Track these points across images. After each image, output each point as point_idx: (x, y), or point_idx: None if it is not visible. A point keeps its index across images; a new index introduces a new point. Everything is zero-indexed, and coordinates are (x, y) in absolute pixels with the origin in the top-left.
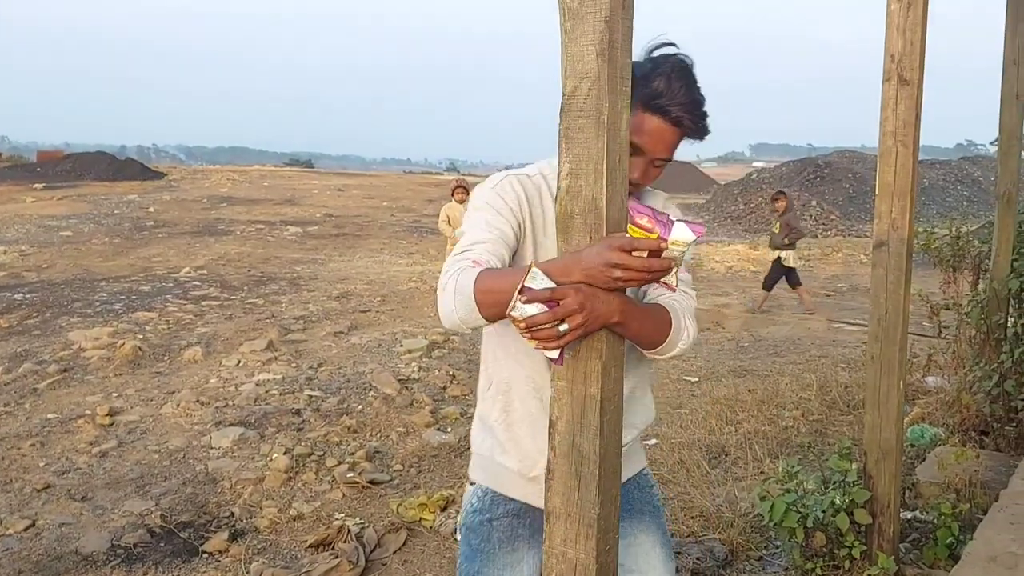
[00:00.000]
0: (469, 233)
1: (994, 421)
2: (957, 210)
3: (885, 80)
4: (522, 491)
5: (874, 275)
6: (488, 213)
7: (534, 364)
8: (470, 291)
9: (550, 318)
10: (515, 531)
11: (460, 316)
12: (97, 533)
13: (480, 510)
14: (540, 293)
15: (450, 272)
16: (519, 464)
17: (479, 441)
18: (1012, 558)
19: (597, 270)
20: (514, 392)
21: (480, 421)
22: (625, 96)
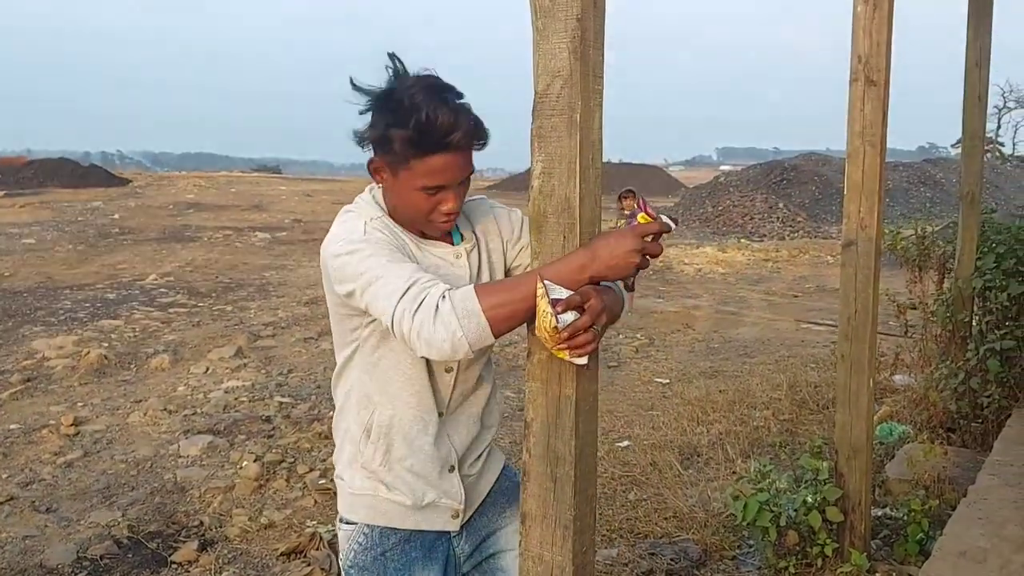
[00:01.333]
0: (391, 271)
1: (960, 418)
2: (920, 211)
3: (852, 81)
4: (414, 520)
5: (843, 274)
6: (386, 253)
7: (419, 399)
8: (478, 310)
9: (590, 320)
10: (408, 556)
11: (471, 339)
12: (62, 545)
13: (369, 547)
14: (572, 299)
15: (424, 302)
16: (410, 498)
17: (357, 482)
18: (981, 552)
19: (623, 258)
20: (395, 432)
21: (359, 469)
22: (598, 94)
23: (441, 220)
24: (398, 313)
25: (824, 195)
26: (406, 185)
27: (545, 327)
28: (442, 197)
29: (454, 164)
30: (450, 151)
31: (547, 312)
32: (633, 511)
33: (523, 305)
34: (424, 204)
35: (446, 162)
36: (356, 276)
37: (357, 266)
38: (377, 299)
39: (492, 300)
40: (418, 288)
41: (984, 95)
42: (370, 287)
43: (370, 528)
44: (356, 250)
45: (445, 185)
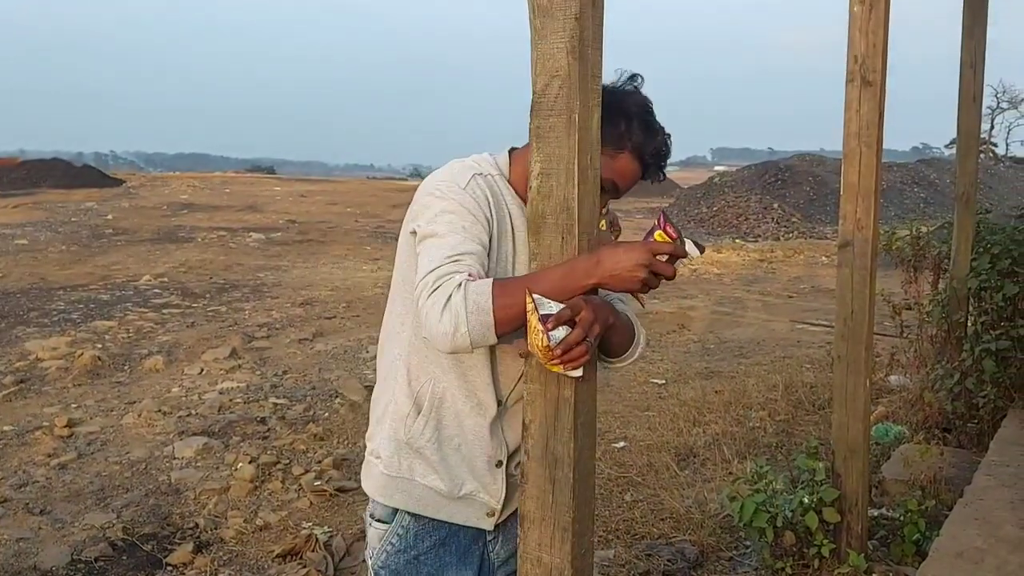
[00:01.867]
0: (448, 239)
1: (956, 418)
2: (914, 212)
3: (848, 81)
4: (448, 511)
5: (840, 275)
6: (464, 218)
7: (479, 380)
8: (489, 307)
9: (582, 335)
10: (442, 561)
11: (474, 336)
12: (57, 547)
13: (404, 549)
14: (562, 314)
15: (442, 287)
16: (448, 485)
17: (396, 463)
18: (978, 553)
19: (627, 271)
20: (446, 408)
21: (402, 446)
22: (596, 94)
23: None
24: (421, 284)
25: (819, 195)
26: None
27: (537, 344)
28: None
29: (636, 176)
30: (643, 166)
31: (538, 329)
32: (630, 512)
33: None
34: None
35: (636, 171)
36: (427, 221)
37: (433, 212)
38: (423, 256)
39: (506, 300)
40: (448, 268)
41: (979, 96)
42: (427, 240)
43: (404, 528)
44: (444, 197)
45: (618, 189)
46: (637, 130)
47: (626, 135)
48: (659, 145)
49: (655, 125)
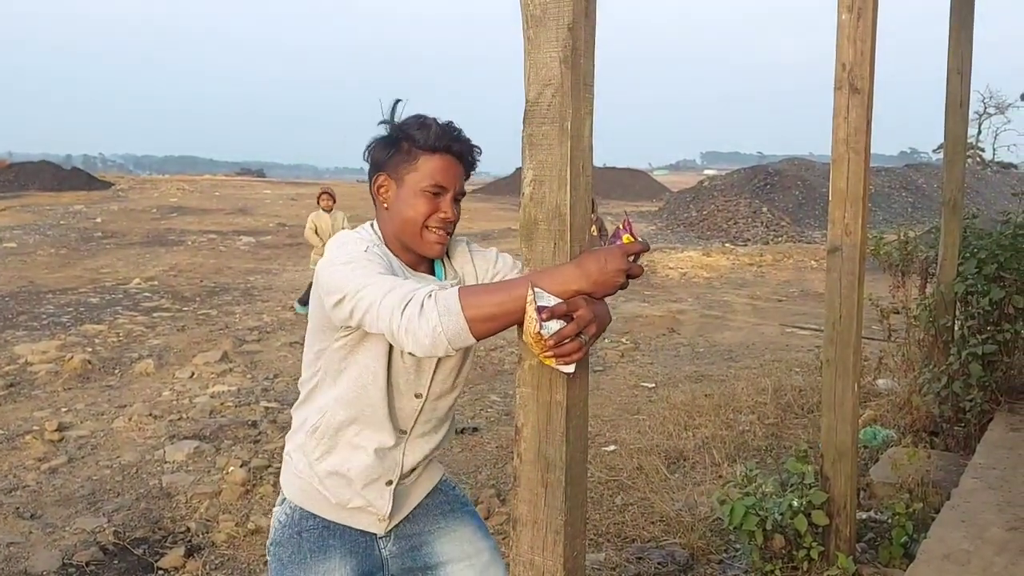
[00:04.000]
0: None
1: (943, 422)
2: (902, 216)
3: (837, 88)
4: (336, 516)
5: (828, 279)
6: (383, 266)
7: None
8: (458, 308)
9: (576, 330)
10: (325, 541)
11: (449, 336)
12: (47, 552)
13: (289, 524)
14: (558, 308)
15: (412, 300)
16: (335, 499)
17: (299, 463)
18: (965, 555)
19: (611, 276)
20: (341, 437)
21: (301, 455)
22: (588, 102)
23: (436, 231)
24: (386, 310)
25: (808, 200)
26: (410, 190)
27: (530, 332)
28: (441, 203)
29: (455, 170)
30: (452, 155)
31: (533, 318)
32: (620, 515)
33: (502, 308)
34: (425, 207)
35: (449, 164)
36: (347, 282)
37: (350, 274)
38: (365, 300)
39: (472, 300)
40: (407, 288)
41: (965, 102)
42: (360, 291)
43: (292, 508)
44: (352, 261)
45: (446, 188)
46: (411, 133)
47: (409, 144)
48: (436, 129)
49: (425, 120)
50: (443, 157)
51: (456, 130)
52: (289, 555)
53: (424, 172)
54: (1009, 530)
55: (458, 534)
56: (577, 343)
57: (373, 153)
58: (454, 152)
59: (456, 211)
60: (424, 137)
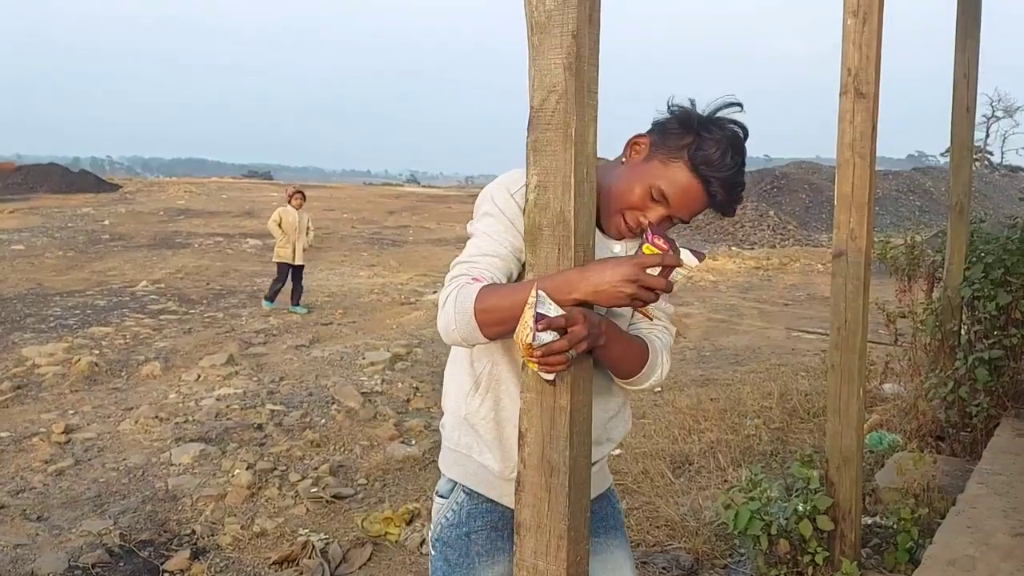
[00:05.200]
0: (477, 241)
1: (949, 427)
2: (910, 220)
3: (842, 93)
4: (499, 491)
5: (834, 284)
6: (501, 222)
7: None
8: (470, 310)
9: (567, 346)
10: (494, 544)
11: (461, 335)
12: (54, 554)
13: (457, 523)
14: (556, 321)
15: (449, 288)
16: (500, 465)
17: (456, 438)
18: (970, 561)
19: (612, 287)
20: (504, 388)
21: (461, 421)
22: (593, 108)
23: (628, 224)
24: (446, 279)
25: (814, 203)
26: (646, 174)
27: (521, 338)
28: (653, 210)
29: (694, 194)
30: (702, 183)
31: (527, 325)
32: (625, 519)
33: (511, 312)
34: (637, 200)
35: (692, 186)
36: (475, 219)
37: (480, 212)
38: (464, 251)
39: (485, 303)
40: (463, 268)
41: (972, 106)
42: (471, 239)
43: (459, 504)
44: (490, 201)
45: (668, 201)
46: (705, 146)
47: (689, 146)
48: (726, 167)
49: (730, 149)
50: (698, 183)
51: (733, 168)
52: (457, 557)
53: (670, 178)
54: (1015, 536)
55: (612, 556)
56: (563, 357)
57: (664, 122)
58: (709, 184)
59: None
60: (703, 153)
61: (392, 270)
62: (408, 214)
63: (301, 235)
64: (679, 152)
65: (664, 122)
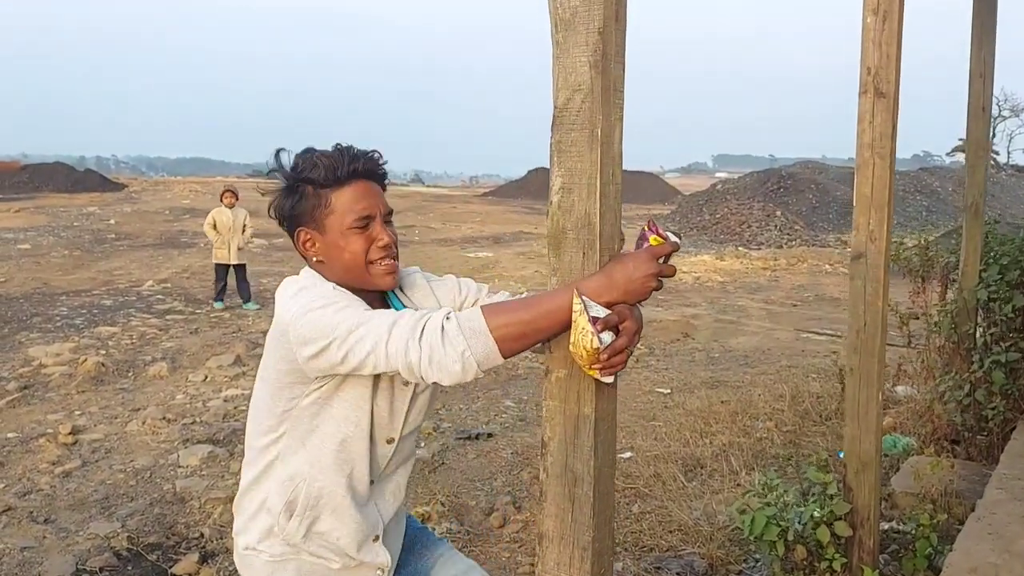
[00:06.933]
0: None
1: (965, 430)
2: (916, 220)
3: (862, 93)
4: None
5: (852, 287)
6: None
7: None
8: (485, 329)
9: (628, 343)
10: None
11: (478, 359)
12: (61, 557)
13: None
14: (611, 319)
15: (428, 324)
16: (338, 563)
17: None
18: (993, 569)
19: (641, 283)
20: (324, 505)
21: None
22: (619, 108)
23: (381, 261)
24: (399, 344)
25: (821, 203)
26: (336, 232)
27: (585, 346)
28: (373, 232)
29: (370, 190)
30: (360, 178)
31: (588, 331)
32: (637, 524)
33: (533, 326)
34: (359, 245)
35: (362, 189)
36: (334, 325)
37: (335, 316)
38: (367, 339)
39: (500, 320)
40: (415, 315)
41: (988, 105)
42: (355, 331)
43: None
44: (331, 303)
45: (371, 215)
46: (307, 176)
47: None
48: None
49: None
50: (353, 185)
51: (349, 150)
52: None
53: (342, 209)
54: None
55: (445, 559)
56: (626, 354)
57: (279, 209)
58: (361, 174)
59: (392, 232)
60: (322, 173)
61: None
62: (413, 214)
63: (236, 234)
64: (320, 196)
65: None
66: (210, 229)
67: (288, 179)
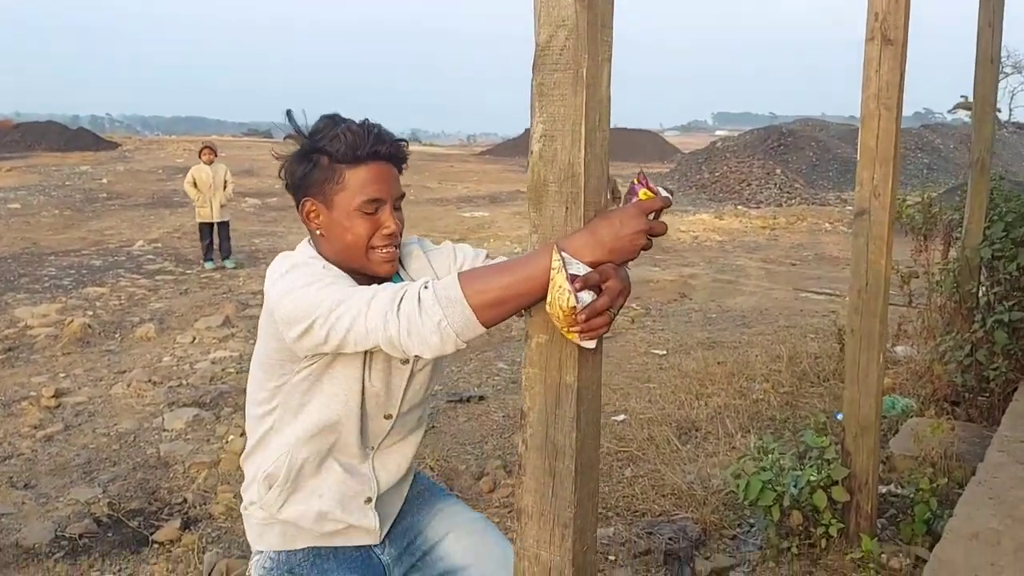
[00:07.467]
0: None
1: (966, 391)
2: (918, 178)
3: (868, 40)
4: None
5: (855, 245)
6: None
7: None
8: (461, 297)
9: (609, 303)
10: (320, 567)
11: (456, 329)
12: (40, 523)
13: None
14: (591, 277)
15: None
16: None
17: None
18: (994, 534)
19: (629, 240)
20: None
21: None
22: (607, 47)
23: (383, 248)
24: (378, 317)
25: (821, 161)
26: (343, 210)
27: (561, 305)
28: (381, 218)
29: (387, 175)
30: (379, 160)
31: (564, 288)
32: (630, 488)
33: (512, 290)
34: (364, 228)
35: (379, 171)
36: (317, 304)
37: (318, 294)
38: (346, 316)
39: (477, 286)
40: (394, 288)
41: (996, 57)
42: (334, 311)
43: (276, 553)
44: (316, 280)
45: (382, 200)
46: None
47: (328, 159)
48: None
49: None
50: (370, 166)
51: (375, 129)
52: None
53: (354, 188)
54: None
55: (444, 512)
56: (607, 316)
57: (290, 174)
58: (381, 157)
59: (399, 220)
60: (342, 148)
61: None
62: (409, 174)
63: (217, 191)
64: (335, 171)
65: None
66: (190, 187)
67: (305, 145)
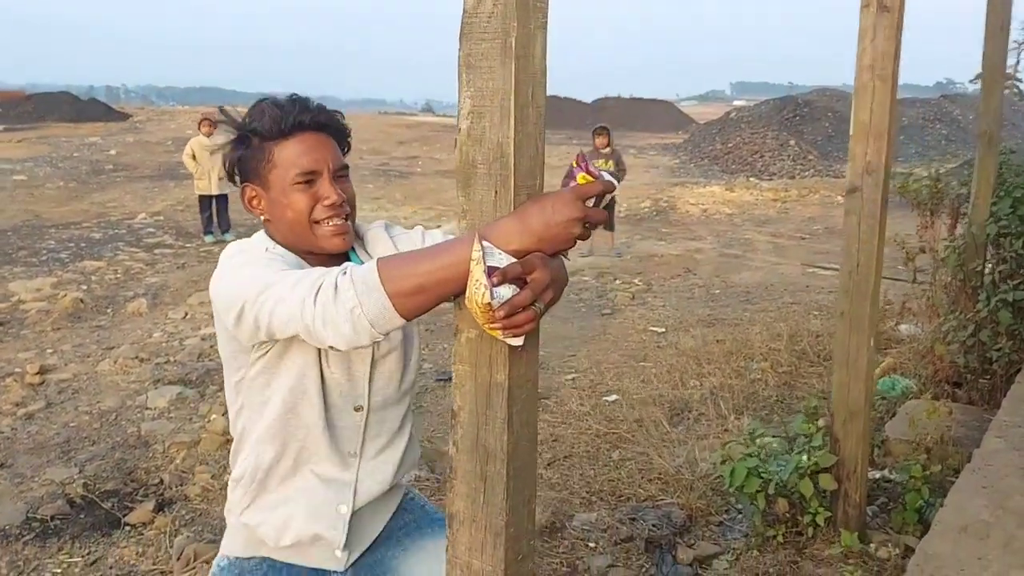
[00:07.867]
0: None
1: (968, 373)
2: (936, 149)
3: (864, 7)
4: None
5: (846, 223)
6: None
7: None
8: (377, 283)
9: (531, 297)
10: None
11: (370, 318)
12: (12, 504)
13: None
14: (511, 269)
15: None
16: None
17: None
18: (984, 527)
19: (561, 228)
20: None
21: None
22: (540, 13)
23: (328, 221)
24: (295, 305)
25: (837, 132)
26: (279, 188)
27: (476, 300)
28: (320, 190)
29: (317, 144)
30: (307, 130)
31: (480, 283)
32: (616, 471)
33: (433, 277)
34: (303, 203)
35: (309, 142)
36: (245, 288)
37: (247, 278)
38: (270, 300)
39: (394, 272)
40: (317, 272)
41: (1007, 24)
42: (262, 294)
43: (233, 557)
44: (249, 263)
45: (316, 171)
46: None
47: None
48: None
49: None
50: (299, 138)
51: (300, 100)
52: None
53: (285, 164)
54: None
55: (429, 552)
56: (531, 312)
57: (229, 163)
58: (308, 127)
59: (343, 190)
60: (267, 123)
61: (396, 203)
62: (419, 144)
63: (216, 163)
64: (263, 149)
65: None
66: (189, 160)
67: (237, 128)
